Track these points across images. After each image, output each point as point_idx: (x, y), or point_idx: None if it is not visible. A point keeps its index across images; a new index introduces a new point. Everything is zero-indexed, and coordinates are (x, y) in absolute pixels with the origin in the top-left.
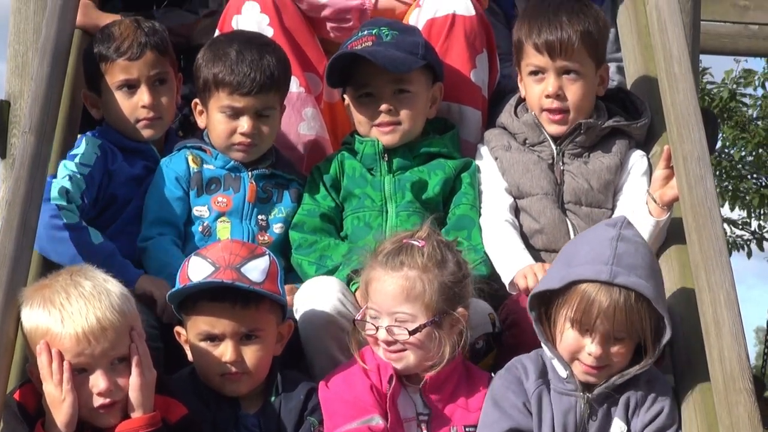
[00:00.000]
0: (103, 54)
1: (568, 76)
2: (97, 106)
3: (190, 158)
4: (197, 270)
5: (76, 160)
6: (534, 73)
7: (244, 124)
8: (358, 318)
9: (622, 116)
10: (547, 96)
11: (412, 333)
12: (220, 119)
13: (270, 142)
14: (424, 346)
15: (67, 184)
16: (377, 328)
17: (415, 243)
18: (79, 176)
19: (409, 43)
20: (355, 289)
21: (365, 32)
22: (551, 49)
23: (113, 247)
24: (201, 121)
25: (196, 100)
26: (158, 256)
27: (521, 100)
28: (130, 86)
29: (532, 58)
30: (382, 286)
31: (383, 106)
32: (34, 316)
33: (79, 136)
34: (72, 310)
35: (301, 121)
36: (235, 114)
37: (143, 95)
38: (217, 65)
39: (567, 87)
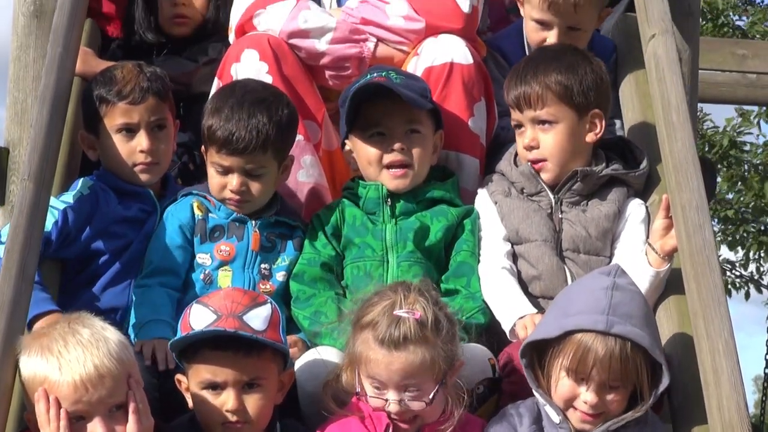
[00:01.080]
0: (104, 97)
1: (541, 126)
2: (94, 147)
3: (195, 205)
4: (199, 318)
5: (61, 198)
6: (517, 126)
7: (233, 181)
8: (360, 392)
9: (621, 165)
10: (525, 147)
11: (430, 403)
12: (213, 174)
13: (264, 199)
14: (436, 407)
15: None
16: (386, 401)
17: (409, 315)
18: (54, 209)
19: (417, 87)
20: None
21: (375, 74)
22: (519, 103)
23: (36, 282)
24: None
25: (203, 147)
26: (147, 305)
27: None
28: (129, 130)
29: (513, 113)
30: (386, 365)
31: (396, 145)
32: (31, 364)
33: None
34: (70, 357)
35: (299, 169)
36: (224, 171)
37: (142, 140)
38: (211, 119)
39: (541, 137)
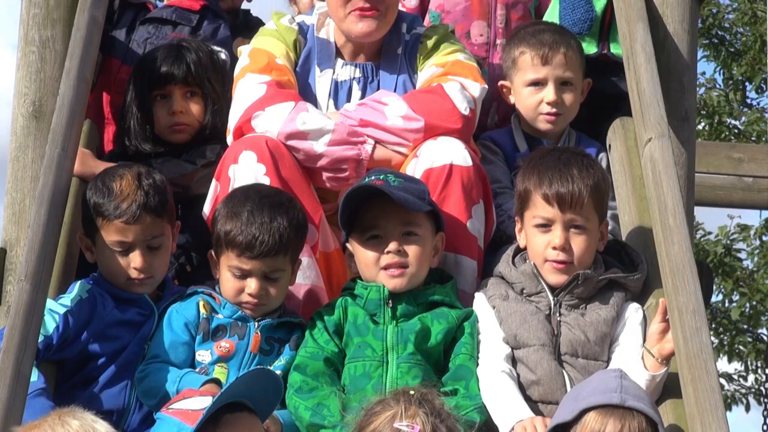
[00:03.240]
0: (100, 210)
1: (574, 230)
2: (92, 250)
3: (201, 304)
4: (196, 404)
5: (60, 301)
6: (543, 226)
7: (252, 284)
8: None
9: (619, 268)
10: (554, 248)
11: None
12: (229, 277)
13: (279, 301)
14: None
15: None
16: None
17: (408, 430)
18: (54, 314)
19: (415, 189)
20: None
21: (372, 177)
22: (561, 202)
23: (42, 388)
24: (216, 272)
25: (212, 251)
26: (156, 379)
27: (518, 250)
28: (124, 247)
29: (540, 209)
30: None
31: (392, 246)
32: None
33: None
34: None
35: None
36: (243, 275)
37: (136, 258)
38: (228, 223)
39: (573, 240)
